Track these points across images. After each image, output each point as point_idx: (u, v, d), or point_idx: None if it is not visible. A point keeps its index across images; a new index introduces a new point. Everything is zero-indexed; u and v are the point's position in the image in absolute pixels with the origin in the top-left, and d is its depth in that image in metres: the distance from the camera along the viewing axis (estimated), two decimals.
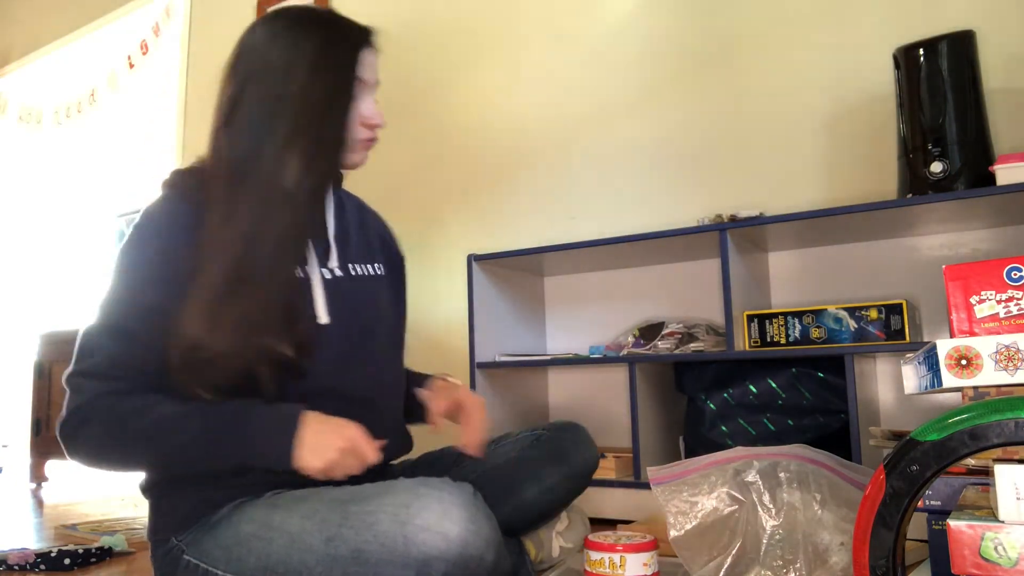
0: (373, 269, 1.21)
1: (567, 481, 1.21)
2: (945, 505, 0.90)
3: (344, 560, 0.90)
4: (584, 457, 1.25)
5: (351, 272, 1.16)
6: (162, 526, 1.06)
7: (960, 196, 1.47)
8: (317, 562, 0.91)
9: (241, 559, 0.97)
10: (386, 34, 1.20)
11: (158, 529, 1.07)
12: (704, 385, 1.82)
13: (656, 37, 2.18)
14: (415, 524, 0.87)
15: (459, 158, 2.53)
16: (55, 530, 1.96)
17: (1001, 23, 1.70)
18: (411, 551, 0.86)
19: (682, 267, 2.08)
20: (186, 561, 1.02)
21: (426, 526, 0.86)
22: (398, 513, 0.88)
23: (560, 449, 1.22)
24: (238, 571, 0.97)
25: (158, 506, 1.08)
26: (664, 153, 2.14)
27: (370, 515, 0.90)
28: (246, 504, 1.02)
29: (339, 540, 0.91)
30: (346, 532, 0.91)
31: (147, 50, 3.64)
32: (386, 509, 0.90)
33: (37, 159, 4.17)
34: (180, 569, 1.03)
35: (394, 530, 0.87)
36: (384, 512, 0.89)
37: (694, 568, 1.09)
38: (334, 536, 0.91)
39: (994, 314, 0.83)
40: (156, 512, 1.08)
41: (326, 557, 0.91)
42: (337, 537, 0.91)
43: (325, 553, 0.91)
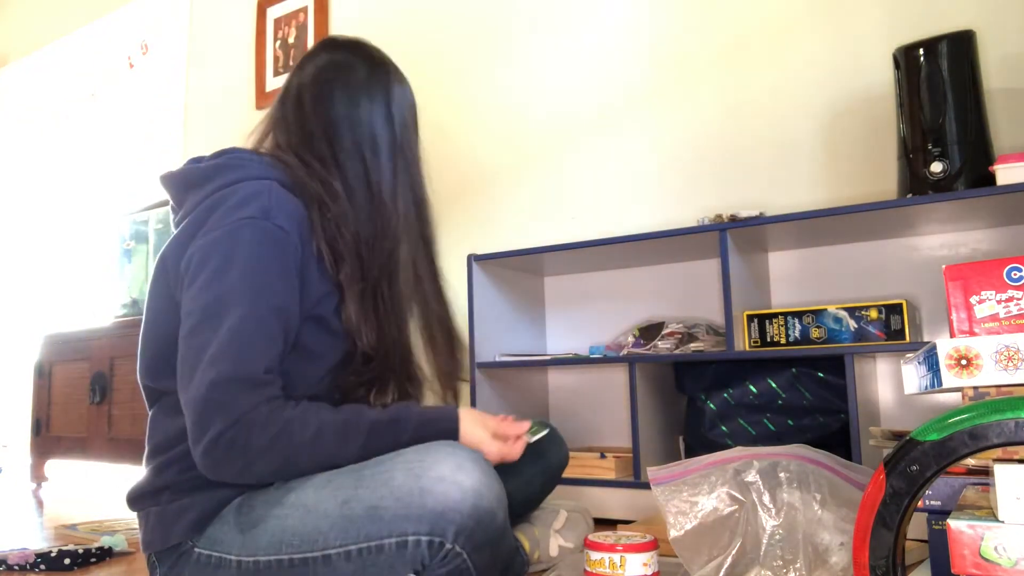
0: None
1: (542, 476, 1.31)
2: (945, 505, 0.90)
3: (359, 520, 0.91)
4: (559, 456, 1.35)
5: None
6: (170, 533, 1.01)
7: (960, 196, 1.47)
8: (331, 526, 0.92)
9: (255, 539, 0.96)
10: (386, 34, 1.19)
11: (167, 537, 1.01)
12: (704, 385, 1.82)
13: (656, 37, 2.18)
14: (430, 476, 0.89)
15: (459, 158, 2.53)
16: (55, 530, 1.96)
17: (1001, 23, 1.70)
18: (427, 502, 0.88)
19: (682, 267, 2.08)
20: (196, 554, 1.00)
21: (441, 477, 0.89)
22: (412, 467, 0.91)
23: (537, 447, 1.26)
24: (252, 552, 0.96)
25: (163, 513, 1.02)
26: (664, 153, 2.14)
27: (384, 473, 0.92)
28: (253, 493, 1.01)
29: (354, 501, 0.92)
30: (361, 492, 0.92)
31: (147, 50, 3.64)
32: (399, 466, 0.92)
33: (37, 159, 4.17)
34: (191, 564, 1.00)
35: (410, 483, 0.90)
36: (398, 469, 0.91)
37: (694, 568, 1.09)
38: (349, 498, 0.92)
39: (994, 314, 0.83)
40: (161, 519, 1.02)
41: (341, 519, 0.92)
42: (352, 499, 0.92)
43: (340, 515, 0.92)
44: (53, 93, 4.11)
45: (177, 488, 1.02)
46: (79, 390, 2.85)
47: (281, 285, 0.99)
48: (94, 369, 2.81)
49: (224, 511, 1.01)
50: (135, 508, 1.06)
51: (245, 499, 1.01)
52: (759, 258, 1.91)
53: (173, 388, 1.00)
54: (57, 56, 4.12)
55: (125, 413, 2.68)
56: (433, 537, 0.88)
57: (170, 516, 1.02)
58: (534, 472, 1.29)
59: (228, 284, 0.96)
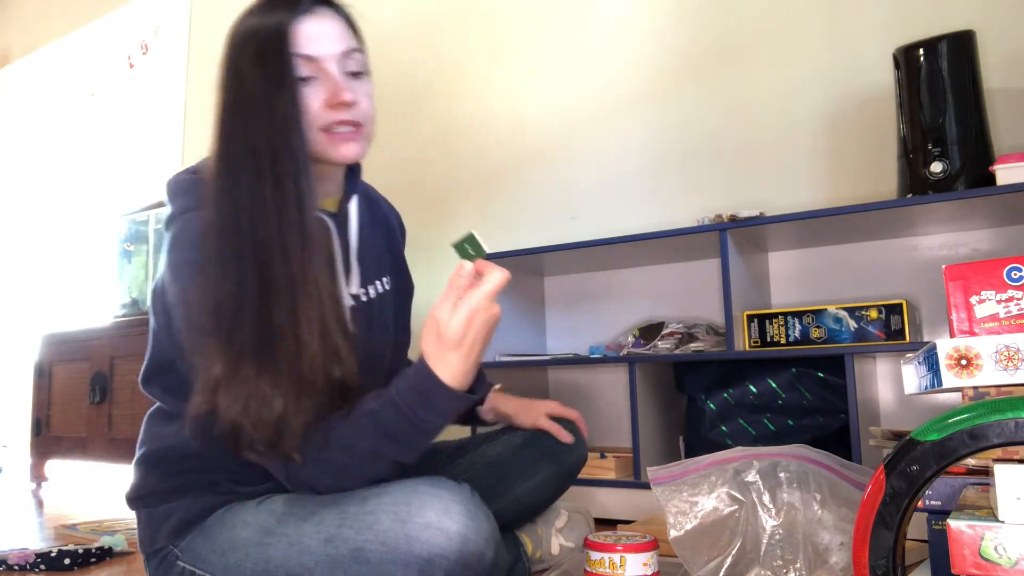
0: (382, 285, 1.12)
1: (556, 478, 1.25)
2: (945, 505, 0.90)
3: (344, 560, 0.89)
4: (575, 457, 1.27)
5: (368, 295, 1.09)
6: (157, 536, 1.04)
7: (960, 196, 1.47)
8: (316, 563, 0.91)
9: (239, 565, 0.96)
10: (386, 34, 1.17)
11: (154, 539, 1.05)
12: (704, 385, 1.82)
13: (656, 37, 2.18)
14: (416, 522, 0.86)
15: (459, 158, 2.53)
16: (55, 530, 1.96)
17: (1001, 23, 1.70)
18: (413, 549, 0.86)
19: (682, 267, 2.08)
20: (180, 568, 1.01)
21: (427, 523, 0.86)
22: (398, 512, 0.88)
23: (555, 448, 1.24)
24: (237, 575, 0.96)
25: (151, 516, 1.05)
26: (664, 153, 2.14)
27: (369, 515, 0.89)
28: (238, 507, 1.01)
29: (339, 540, 0.90)
30: (345, 532, 0.90)
31: (147, 50, 3.64)
32: (385, 508, 0.89)
33: (37, 159, 4.17)
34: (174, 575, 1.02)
35: (395, 528, 0.87)
36: (383, 511, 0.89)
37: (694, 568, 1.09)
38: (333, 537, 0.91)
39: (994, 314, 0.83)
40: (149, 522, 1.05)
41: (325, 558, 0.90)
42: (336, 538, 0.90)
43: (324, 554, 0.90)
44: (53, 93, 4.11)
45: (162, 492, 1.04)
46: (79, 390, 2.85)
47: None
48: (94, 369, 2.81)
49: (208, 522, 1.02)
50: (132, 508, 1.08)
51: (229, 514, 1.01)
52: (759, 258, 1.91)
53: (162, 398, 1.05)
54: (57, 56, 4.12)
55: (125, 413, 2.68)
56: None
57: (156, 520, 1.04)
58: (548, 475, 1.24)
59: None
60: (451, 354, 0.87)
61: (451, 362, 0.88)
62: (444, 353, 0.88)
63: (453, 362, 0.88)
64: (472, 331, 0.87)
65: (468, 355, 0.88)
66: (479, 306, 0.86)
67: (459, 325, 0.86)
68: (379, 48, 1.16)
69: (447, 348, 0.87)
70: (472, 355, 0.88)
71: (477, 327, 0.87)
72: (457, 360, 0.87)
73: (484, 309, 0.87)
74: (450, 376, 0.88)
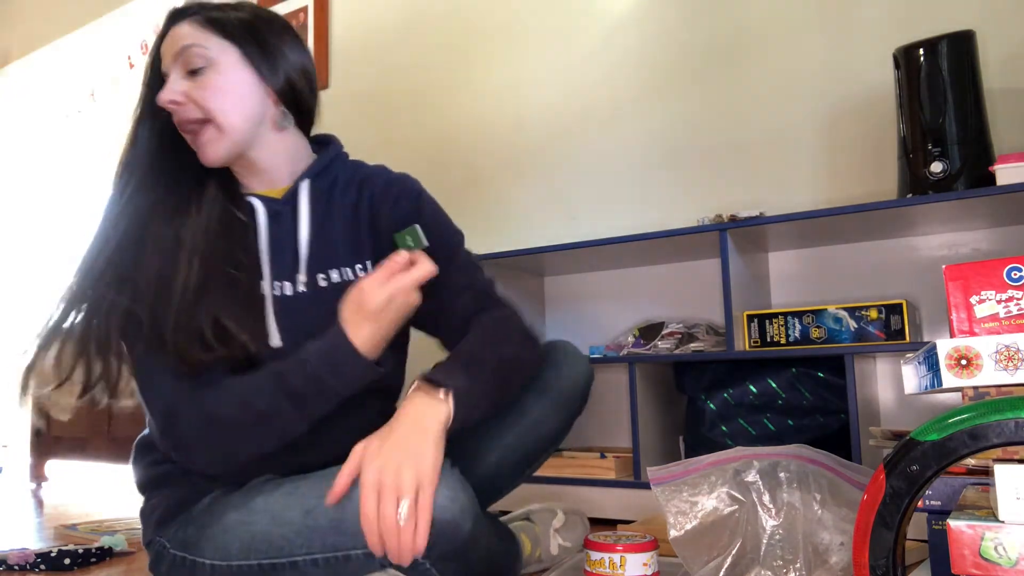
0: (350, 273, 1.09)
1: (554, 410, 1.10)
2: (945, 505, 0.90)
3: (323, 530, 0.91)
4: (571, 378, 1.11)
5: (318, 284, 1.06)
6: (147, 530, 1.08)
7: (960, 196, 1.47)
8: (296, 534, 0.92)
9: (226, 545, 0.97)
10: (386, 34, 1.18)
11: (145, 533, 1.08)
12: (704, 385, 1.82)
13: (656, 37, 2.18)
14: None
15: (459, 158, 2.53)
16: (55, 530, 1.96)
17: (1001, 23, 1.70)
18: None
19: (682, 267, 2.08)
20: (172, 556, 1.03)
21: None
22: None
23: (542, 376, 1.09)
24: (224, 557, 0.97)
25: (141, 511, 1.10)
26: (664, 153, 2.14)
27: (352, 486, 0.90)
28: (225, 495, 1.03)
29: (318, 512, 0.91)
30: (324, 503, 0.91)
31: (147, 50, 3.64)
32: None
33: (37, 159, 4.17)
34: (166, 564, 1.03)
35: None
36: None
37: (694, 568, 1.09)
38: (312, 508, 0.92)
39: (994, 314, 0.83)
40: (141, 517, 1.10)
41: (305, 529, 0.92)
42: (316, 509, 0.92)
43: (304, 525, 0.92)
44: (53, 93, 4.11)
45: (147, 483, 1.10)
46: None
47: None
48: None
49: (194, 511, 1.04)
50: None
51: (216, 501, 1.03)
52: (759, 258, 1.91)
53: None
54: (57, 56, 4.12)
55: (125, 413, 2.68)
56: None
57: (145, 514, 1.09)
58: (543, 408, 1.08)
59: None
60: (367, 323, 0.94)
61: (364, 330, 0.94)
62: (360, 321, 0.94)
63: (366, 331, 0.94)
64: (391, 309, 0.95)
65: (380, 328, 0.95)
66: (403, 288, 0.95)
67: (381, 299, 0.93)
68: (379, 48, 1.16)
69: (364, 317, 0.94)
70: (384, 330, 0.95)
71: (395, 307, 0.95)
72: (370, 330, 0.94)
73: (405, 292, 0.95)
74: (361, 343, 0.94)
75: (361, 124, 2.75)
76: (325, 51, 2.86)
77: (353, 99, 2.79)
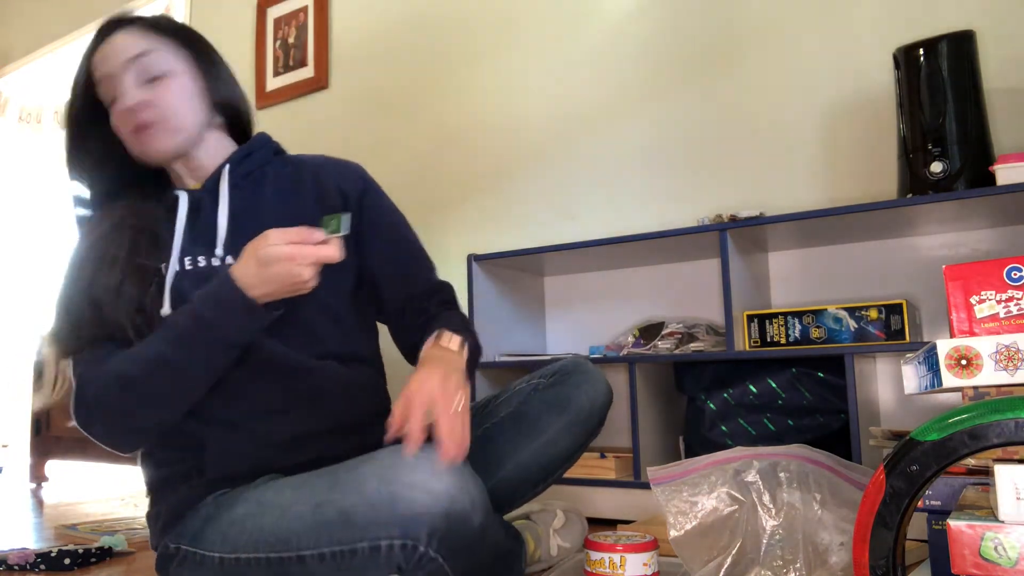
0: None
1: (570, 430, 1.13)
2: (945, 505, 0.90)
3: (332, 524, 0.91)
4: (589, 399, 1.15)
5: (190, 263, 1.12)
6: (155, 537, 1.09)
7: (960, 196, 1.47)
8: (304, 528, 0.93)
9: (234, 538, 0.98)
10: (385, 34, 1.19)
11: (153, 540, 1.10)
12: (704, 385, 1.82)
13: (656, 37, 2.18)
14: (401, 482, 0.88)
15: (459, 158, 2.53)
16: (55, 530, 1.96)
17: (1001, 23, 1.70)
18: (397, 508, 0.87)
19: (682, 267, 2.08)
20: (179, 551, 1.04)
21: (412, 484, 0.87)
22: (385, 474, 0.90)
23: (560, 396, 1.13)
24: (233, 550, 0.97)
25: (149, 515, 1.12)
26: (664, 153, 2.14)
27: (358, 478, 0.92)
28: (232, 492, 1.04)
29: (327, 505, 0.92)
30: (334, 496, 0.92)
31: None
32: (373, 471, 0.91)
33: (37, 159, 4.17)
34: (176, 561, 1.04)
35: (381, 489, 0.88)
36: (371, 475, 0.91)
37: (694, 568, 1.09)
38: (322, 502, 0.93)
39: (994, 314, 0.83)
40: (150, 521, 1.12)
41: (314, 523, 0.92)
42: (325, 502, 0.92)
43: (313, 519, 0.92)
44: (53, 93, 4.10)
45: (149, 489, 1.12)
46: None
47: None
48: None
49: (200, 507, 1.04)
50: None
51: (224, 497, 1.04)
52: (759, 258, 1.91)
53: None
54: (58, 56, 4.11)
55: None
56: (406, 541, 0.87)
57: (151, 522, 1.11)
58: (558, 427, 1.12)
59: None
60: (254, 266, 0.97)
61: (249, 271, 0.97)
62: (249, 262, 0.98)
63: (251, 271, 0.97)
64: (280, 267, 0.96)
65: (265, 278, 0.97)
66: (300, 254, 0.95)
67: (277, 253, 0.95)
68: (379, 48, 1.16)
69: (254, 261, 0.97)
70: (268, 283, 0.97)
71: (285, 271, 0.96)
72: (254, 272, 0.97)
73: (298, 263, 0.96)
74: (243, 280, 0.97)
75: (361, 124, 2.75)
76: (325, 51, 2.86)
77: (352, 99, 2.79)
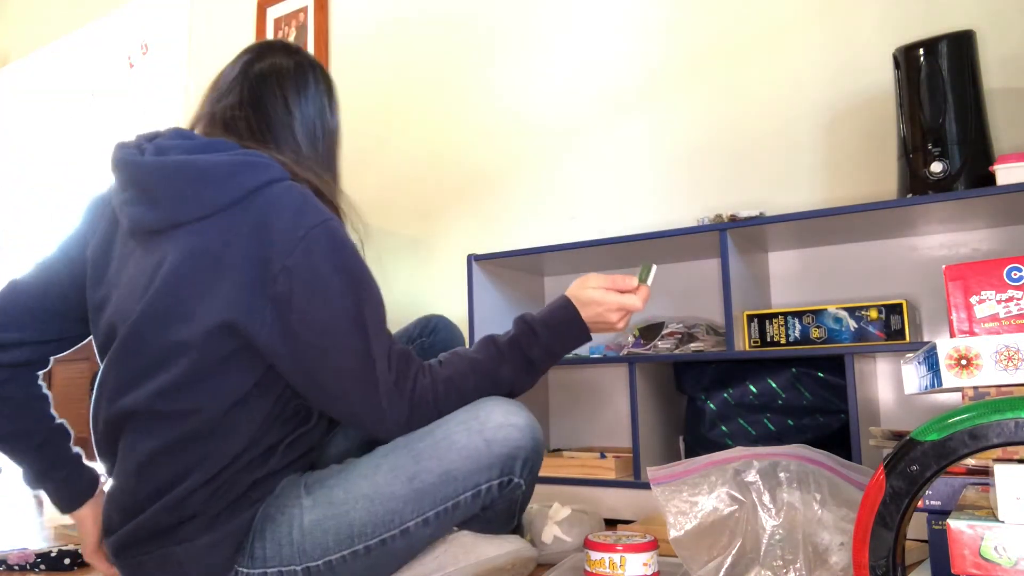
0: None
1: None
2: (945, 505, 0.90)
3: (432, 487, 0.96)
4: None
5: None
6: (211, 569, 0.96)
7: (960, 196, 1.47)
8: (405, 503, 0.96)
9: (318, 543, 0.95)
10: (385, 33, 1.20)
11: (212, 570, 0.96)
12: (704, 385, 1.82)
13: (656, 37, 2.18)
14: (489, 427, 0.97)
15: (459, 158, 2.53)
16: (55, 530, 1.96)
17: (1001, 23, 1.70)
18: (494, 449, 0.97)
19: (682, 267, 2.08)
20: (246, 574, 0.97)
21: (500, 424, 0.98)
22: (470, 425, 0.97)
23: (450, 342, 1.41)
24: (321, 555, 0.95)
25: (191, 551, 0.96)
26: (664, 153, 2.14)
27: (443, 440, 0.97)
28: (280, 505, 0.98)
29: (423, 473, 0.96)
30: (427, 463, 0.96)
31: (147, 50, 3.64)
32: (457, 428, 0.98)
33: (37, 159, 4.17)
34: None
35: (473, 440, 0.97)
36: (456, 431, 0.97)
37: (694, 568, 1.09)
38: (416, 473, 0.96)
39: (994, 314, 0.83)
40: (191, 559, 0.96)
41: (414, 494, 0.96)
42: (420, 472, 0.96)
43: (412, 491, 0.96)
44: (53, 93, 4.10)
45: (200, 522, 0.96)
46: (79, 390, 2.85)
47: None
48: (94, 369, 2.81)
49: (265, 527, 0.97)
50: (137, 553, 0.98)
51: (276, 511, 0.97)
52: (759, 258, 1.91)
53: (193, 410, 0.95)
54: (57, 56, 4.11)
55: None
56: (503, 478, 0.98)
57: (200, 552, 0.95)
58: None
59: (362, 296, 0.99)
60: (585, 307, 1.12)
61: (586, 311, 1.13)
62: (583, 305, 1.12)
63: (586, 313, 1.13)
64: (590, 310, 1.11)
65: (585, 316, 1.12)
66: (606, 303, 1.11)
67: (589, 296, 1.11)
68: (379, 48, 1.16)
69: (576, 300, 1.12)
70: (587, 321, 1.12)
71: (594, 313, 1.11)
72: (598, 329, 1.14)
73: (606, 308, 1.11)
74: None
75: (361, 124, 2.75)
76: (325, 51, 2.86)
77: (352, 99, 2.79)
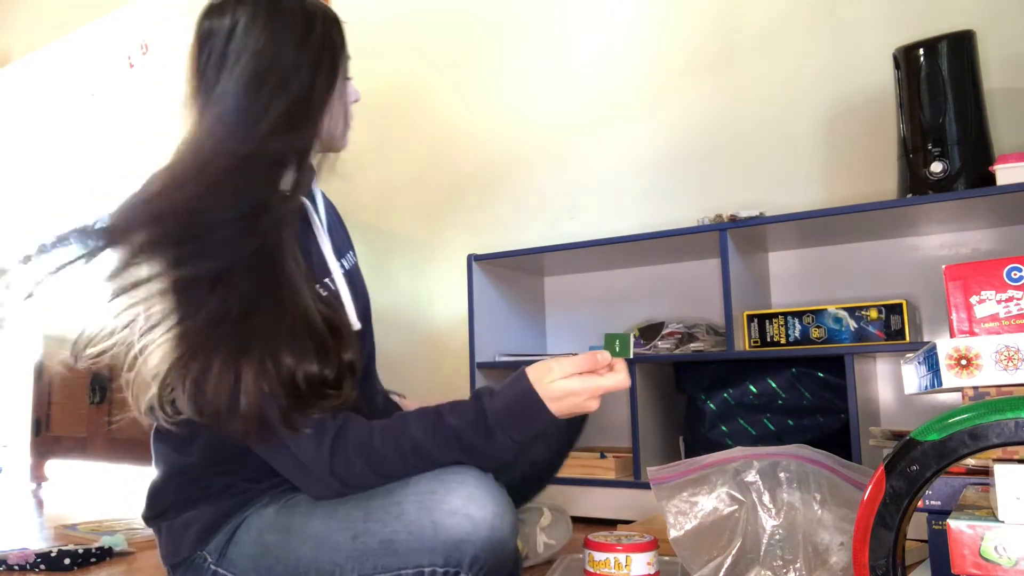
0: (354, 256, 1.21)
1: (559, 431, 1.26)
2: (945, 505, 0.90)
3: (374, 553, 0.91)
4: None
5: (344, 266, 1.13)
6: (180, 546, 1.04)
7: (960, 196, 1.47)
8: (346, 559, 0.92)
9: (270, 568, 0.97)
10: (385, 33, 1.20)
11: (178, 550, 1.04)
12: (704, 385, 1.82)
13: (656, 37, 2.18)
14: (442, 509, 0.88)
15: (459, 158, 2.53)
16: (55, 530, 1.96)
17: (1001, 23, 1.70)
18: (440, 535, 0.87)
19: (682, 267, 2.08)
20: (213, 571, 1.01)
21: (453, 510, 0.87)
22: (424, 500, 0.89)
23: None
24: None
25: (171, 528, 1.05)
26: (664, 153, 2.14)
27: (396, 505, 0.91)
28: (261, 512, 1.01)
29: (367, 534, 0.92)
30: (373, 526, 0.91)
31: (147, 50, 3.64)
32: (411, 498, 0.90)
33: (37, 159, 4.17)
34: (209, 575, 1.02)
35: (421, 516, 0.89)
36: (409, 502, 0.90)
37: (694, 568, 1.09)
38: (360, 532, 0.92)
39: (994, 314, 0.83)
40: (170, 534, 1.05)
41: (355, 552, 0.92)
42: (365, 532, 0.92)
43: (353, 549, 0.92)
44: (53, 93, 4.10)
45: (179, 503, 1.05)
46: (79, 390, 2.85)
47: None
48: (94, 369, 2.81)
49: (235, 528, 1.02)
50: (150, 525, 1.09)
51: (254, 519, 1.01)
52: (759, 258, 1.91)
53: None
54: (57, 56, 4.11)
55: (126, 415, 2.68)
56: (448, 568, 0.88)
57: (177, 530, 1.04)
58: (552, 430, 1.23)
59: None
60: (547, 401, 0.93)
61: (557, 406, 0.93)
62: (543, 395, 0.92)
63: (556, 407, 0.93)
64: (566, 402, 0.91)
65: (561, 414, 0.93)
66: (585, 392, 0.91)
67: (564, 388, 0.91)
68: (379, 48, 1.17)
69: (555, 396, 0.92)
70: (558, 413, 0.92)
71: (571, 404, 0.91)
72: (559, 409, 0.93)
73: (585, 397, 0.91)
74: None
75: (360, 124, 2.75)
76: None
77: None
